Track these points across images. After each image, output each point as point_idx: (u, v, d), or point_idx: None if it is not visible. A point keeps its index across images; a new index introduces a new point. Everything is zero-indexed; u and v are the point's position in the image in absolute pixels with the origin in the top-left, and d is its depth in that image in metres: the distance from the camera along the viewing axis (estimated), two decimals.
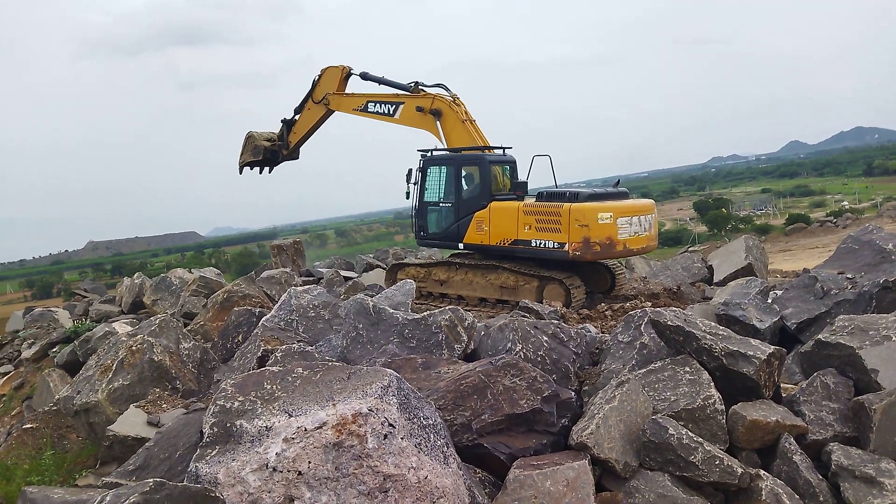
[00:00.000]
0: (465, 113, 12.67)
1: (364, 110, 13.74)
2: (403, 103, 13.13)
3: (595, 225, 10.47)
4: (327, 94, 14.35)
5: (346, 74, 14.29)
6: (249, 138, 15.73)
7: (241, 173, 16.36)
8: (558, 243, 10.74)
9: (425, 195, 12.71)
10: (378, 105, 13.51)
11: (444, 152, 12.70)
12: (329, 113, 14.68)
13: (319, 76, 14.54)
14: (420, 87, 13.06)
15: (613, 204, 10.83)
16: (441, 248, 14.52)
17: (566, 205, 10.71)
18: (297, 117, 15.25)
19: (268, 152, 15.45)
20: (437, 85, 12.98)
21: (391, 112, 13.28)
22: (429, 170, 12.62)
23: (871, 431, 4.83)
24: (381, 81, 13.82)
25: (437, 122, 12.73)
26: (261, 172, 16.46)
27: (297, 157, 16.05)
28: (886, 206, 50.03)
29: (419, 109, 12.80)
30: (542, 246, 10.97)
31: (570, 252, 10.60)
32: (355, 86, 14.45)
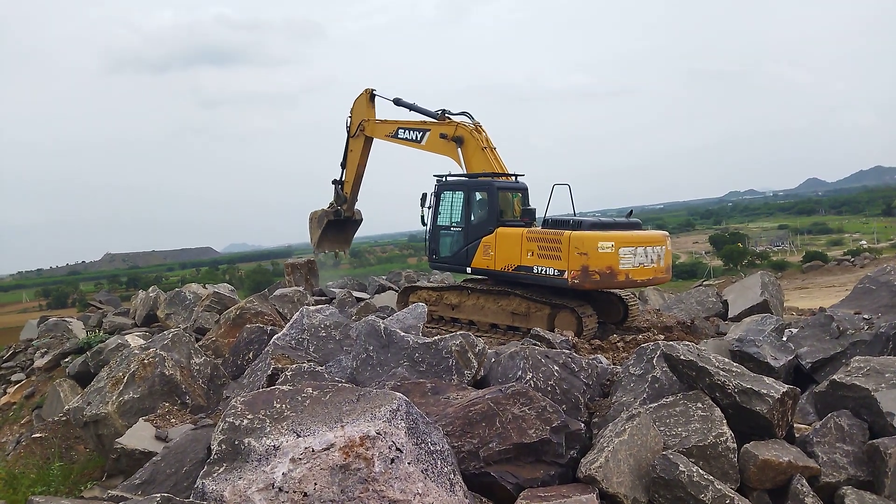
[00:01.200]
0: (486, 140, 12.89)
1: (395, 136, 14.21)
2: (430, 130, 13.47)
3: (595, 253, 10.31)
4: (362, 122, 14.88)
5: (371, 95, 14.86)
6: (311, 217, 16.39)
7: (317, 257, 16.97)
8: (558, 270, 10.62)
9: (438, 219, 12.83)
10: (407, 132, 13.96)
11: (456, 178, 12.87)
12: (368, 142, 15.12)
13: (351, 114, 15.15)
14: (446, 114, 13.41)
15: (616, 234, 10.64)
16: (452, 272, 14.63)
17: (567, 232, 10.61)
18: (344, 171, 15.74)
19: (330, 215, 16.02)
20: (462, 113, 13.33)
21: (418, 139, 13.70)
22: (442, 194, 12.77)
23: (885, 476, 4.75)
24: (411, 108, 14.30)
25: (459, 149, 12.98)
26: (336, 256, 17.11)
27: (361, 219, 16.61)
28: None
29: (443, 136, 13.12)
30: (542, 273, 10.87)
31: (569, 280, 10.47)
32: (389, 113, 14.99)
